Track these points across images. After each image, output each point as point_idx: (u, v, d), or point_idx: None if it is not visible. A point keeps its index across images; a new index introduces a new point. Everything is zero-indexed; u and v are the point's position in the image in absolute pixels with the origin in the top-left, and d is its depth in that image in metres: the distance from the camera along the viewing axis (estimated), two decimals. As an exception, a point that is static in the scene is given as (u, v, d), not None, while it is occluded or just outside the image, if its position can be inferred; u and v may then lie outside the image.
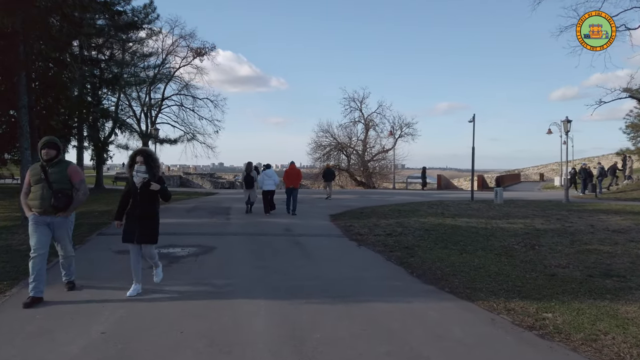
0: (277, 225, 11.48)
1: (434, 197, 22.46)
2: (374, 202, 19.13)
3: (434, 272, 6.47)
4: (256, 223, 12.01)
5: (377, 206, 17.11)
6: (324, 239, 9.51)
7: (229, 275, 6.21)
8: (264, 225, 11.65)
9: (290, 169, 14.95)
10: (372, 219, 12.73)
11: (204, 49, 32.13)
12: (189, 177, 55.52)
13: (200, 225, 11.40)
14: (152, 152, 5.59)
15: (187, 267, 6.62)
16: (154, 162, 5.31)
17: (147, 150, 5.58)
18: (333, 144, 45.25)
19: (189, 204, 18.15)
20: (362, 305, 4.93)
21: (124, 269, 6.16)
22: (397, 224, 11.45)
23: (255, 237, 9.59)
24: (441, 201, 19.40)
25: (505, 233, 10.30)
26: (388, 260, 7.34)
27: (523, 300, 5.14)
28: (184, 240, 8.85)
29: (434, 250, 8.14)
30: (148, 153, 5.40)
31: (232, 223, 11.91)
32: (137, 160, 5.23)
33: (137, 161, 5.23)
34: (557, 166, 54.23)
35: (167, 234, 9.66)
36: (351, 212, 15.13)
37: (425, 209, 15.71)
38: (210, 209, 15.79)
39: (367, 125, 46.10)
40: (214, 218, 12.92)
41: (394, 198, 22.15)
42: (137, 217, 5.23)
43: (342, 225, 11.65)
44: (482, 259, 7.38)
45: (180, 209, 15.63)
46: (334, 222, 12.51)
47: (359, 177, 45.01)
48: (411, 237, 9.51)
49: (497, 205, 17.65)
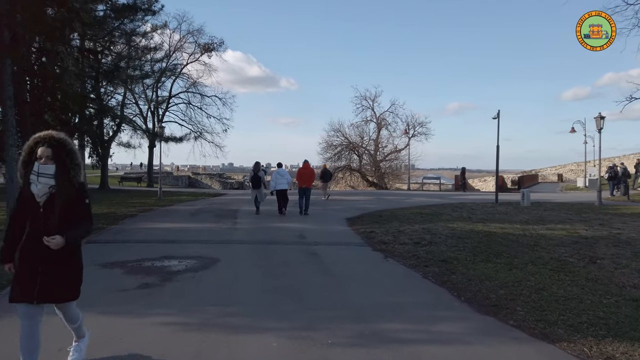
0: (289, 231, 10.27)
1: (454, 199, 21.11)
2: (392, 204, 17.85)
3: (487, 296, 5.20)
4: (266, 228, 10.82)
5: (396, 209, 15.84)
6: (344, 249, 8.27)
7: (232, 300, 5.00)
8: (275, 231, 10.46)
9: (304, 168, 14.17)
10: (393, 224, 11.47)
11: (212, 45, 31.12)
12: (197, 178, 54.69)
13: (204, 231, 10.24)
14: (67, 139, 3.04)
15: (182, 288, 5.42)
16: (70, 158, 2.99)
17: (57, 136, 3.02)
18: (344, 143, 43.99)
19: (194, 205, 17.04)
20: (410, 349, 3.68)
21: (106, 290, 5.00)
22: (423, 231, 10.18)
23: (265, 246, 8.39)
24: (463, 203, 18.06)
25: (549, 242, 8.98)
26: (425, 278, 6.08)
27: (618, 341, 3.86)
28: (183, 250, 7.67)
29: (476, 264, 6.86)
30: (59, 140, 3.00)
31: (239, 228, 10.73)
32: (40, 154, 2.92)
33: (39, 155, 2.93)
34: (576, 166, 52.44)
35: (165, 241, 8.51)
36: (369, 215, 13.89)
37: (449, 212, 14.41)
38: (217, 211, 14.65)
39: (379, 124, 44.77)
40: (219, 222, 11.76)
41: (411, 200, 20.84)
42: (39, 257, 2.88)
43: (362, 231, 10.41)
44: (537, 277, 6.09)
45: (184, 212, 14.52)
46: (352, 227, 11.27)
47: (371, 177, 43.70)
48: (444, 247, 8.24)
49: (526, 208, 16.27)
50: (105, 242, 8.53)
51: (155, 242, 8.50)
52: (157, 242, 8.40)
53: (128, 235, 9.32)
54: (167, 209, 15.37)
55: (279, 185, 13.23)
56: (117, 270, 6.10)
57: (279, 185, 13.22)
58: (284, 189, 13.27)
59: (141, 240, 8.63)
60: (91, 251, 7.61)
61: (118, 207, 15.99)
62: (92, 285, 5.38)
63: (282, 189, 13.25)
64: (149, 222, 11.71)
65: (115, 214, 13.27)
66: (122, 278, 5.73)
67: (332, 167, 43.67)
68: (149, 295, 5.02)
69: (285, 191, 13.39)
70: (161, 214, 13.94)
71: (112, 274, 5.90)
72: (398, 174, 44.51)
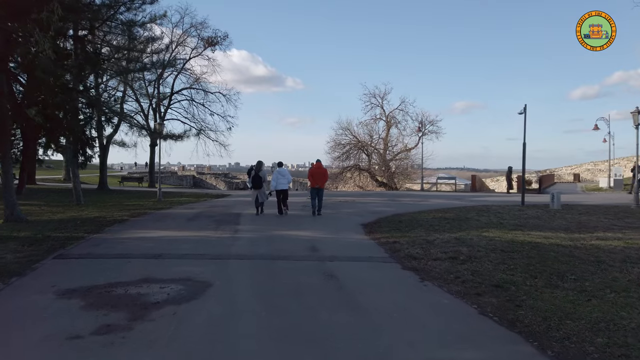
0: (299, 242, 8.80)
1: (474, 201, 19.53)
2: (408, 207, 16.34)
3: (582, 349, 3.69)
4: (271, 237, 9.35)
5: (415, 212, 14.33)
6: (368, 268, 6.76)
7: (224, 356, 3.52)
8: (282, 241, 8.99)
9: (316, 168, 13.40)
10: (418, 232, 9.97)
11: (215, 38, 29.67)
12: (202, 177, 53.44)
13: (200, 241, 8.78)
14: None
15: (156, 332, 3.93)
16: None
17: None
18: (353, 142, 42.39)
19: (194, 208, 15.63)
20: None
21: (48, 339, 3.55)
22: (456, 241, 8.66)
23: (270, 263, 6.90)
24: (487, 206, 16.51)
25: (612, 256, 7.44)
26: (483, 314, 4.56)
27: None
28: (169, 270, 6.21)
29: (541, 291, 5.34)
30: None
31: (240, 238, 9.26)
32: None
33: None
34: (593, 166, 50.78)
35: (150, 256, 7.04)
36: (387, 220, 12.39)
37: (475, 217, 12.88)
38: (217, 215, 13.21)
39: (389, 122, 43.13)
40: (218, 230, 10.30)
41: (428, 202, 19.30)
42: None
43: (384, 241, 8.91)
44: (631, 312, 4.57)
45: (181, 216, 13.09)
46: (370, 236, 9.78)
47: (380, 177, 42.07)
48: (489, 265, 6.72)
49: (558, 212, 14.69)
50: (79, 256, 7.09)
51: (138, 256, 7.05)
52: (140, 258, 6.95)
53: (108, 247, 7.87)
54: (163, 213, 13.95)
55: (280, 185, 12.88)
56: (76, 303, 4.64)
57: (279, 185, 12.88)
58: (284, 189, 12.97)
59: (122, 255, 7.18)
60: (57, 270, 6.18)
61: (111, 210, 14.62)
62: (33, 330, 3.93)
63: (283, 189, 12.93)
64: (139, 229, 10.28)
65: (104, 219, 11.87)
66: (77, 315, 4.27)
67: (340, 167, 42.20)
68: (106, 346, 3.56)
69: (286, 191, 13.07)
70: (155, 218, 12.52)
71: (68, 309, 4.45)
72: (408, 173, 42.91)
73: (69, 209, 15.22)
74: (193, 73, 32.18)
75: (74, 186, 18.24)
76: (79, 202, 17.82)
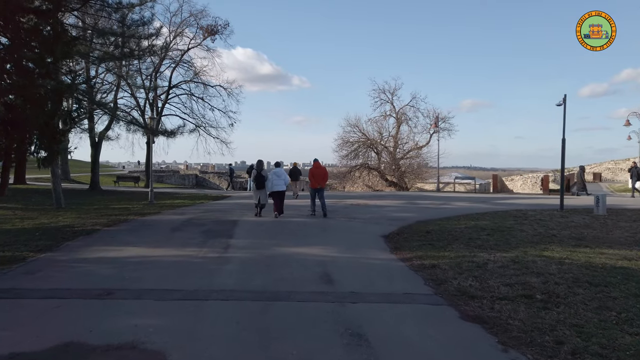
0: (306, 265, 6.68)
1: (502, 204, 17.33)
2: (431, 212, 14.19)
3: None
4: (270, 258, 7.23)
5: (441, 219, 12.19)
6: (409, 316, 4.60)
7: None
8: (284, 263, 6.88)
9: (315, 168, 13.02)
10: (457, 249, 7.84)
11: (215, 27, 27.50)
12: (205, 176, 51.49)
13: (176, 265, 6.67)
14: None
15: None
16: None
17: None
18: (361, 139, 40.17)
19: (185, 214, 13.57)
20: None
21: None
22: (515, 265, 6.51)
23: (265, 306, 4.76)
24: (521, 211, 14.32)
25: None
26: None
27: None
28: (111, 322, 4.11)
29: None
30: None
31: (230, 258, 7.15)
32: None
33: None
34: (613, 165, 48.77)
35: (93, 294, 4.93)
36: (411, 230, 10.28)
37: (517, 227, 10.73)
38: (209, 223, 11.14)
39: (399, 119, 40.84)
40: (205, 245, 8.22)
41: (451, 205, 17.13)
42: None
43: (417, 263, 6.78)
44: None
45: (165, 225, 11.00)
46: (397, 254, 7.65)
47: (390, 176, 39.79)
48: (586, 311, 4.58)
49: (609, 219, 12.49)
50: None
51: (77, 295, 4.96)
52: (79, 297, 4.87)
53: (45, 277, 5.77)
54: (146, 220, 11.89)
55: (275, 187, 12.35)
56: None
57: (275, 187, 12.35)
58: (281, 191, 12.47)
59: (55, 291, 5.09)
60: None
61: (89, 216, 12.61)
62: None
63: (279, 191, 12.42)
64: (105, 245, 8.22)
65: (71, 229, 9.83)
66: None
67: (348, 166, 40.02)
68: None
69: (283, 193, 12.60)
70: (133, 228, 10.45)
71: None
72: (419, 172, 40.62)
73: (44, 214, 13.24)
74: (192, 65, 30.11)
75: (54, 187, 16.26)
76: (59, 205, 15.85)
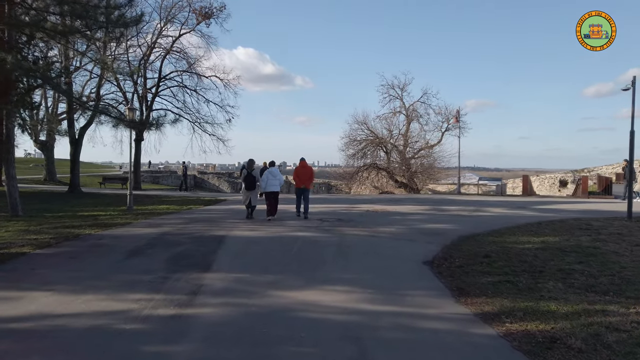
0: (324, 339, 3.78)
1: (546, 210, 14.39)
2: (470, 222, 11.34)
3: None
4: (260, 321, 4.31)
5: (491, 233, 9.35)
6: None
7: None
8: (284, 333, 3.97)
9: (301, 167, 12.69)
10: (556, 290, 4.96)
11: (210, 9, 24.57)
12: (204, 177, 48.56)
13: (80, 342, 3.78)
14: None
15: None
16: None
17: None
18: (370, 138, 37.15)
19: (161, 225, 10.72)
20: None
21: None
22: None
23: None
24: (581, 220, 11.40)
25: None
26: None
27: None
28: None
29: None
30: None
31: (192, 322, 4.23)
32: None
33: None
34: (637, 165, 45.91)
35: None
36: (461, 252, 7.39)
37: (600, 245, 7.86)
38: (187, 242, 8.27)
39: (409, 116, 37.75)
40: (163, 287, 5.31)
41: (486, 212, 14.23)
42: None
43: (517, 330, 3.89)
44: None
45: (125, 244, 8.07)
46: (470, 305, 4.74)
47: (400, 177, 36.75)
48: None
49: None
50: None
51: None
52: None
53: None
54: (103, 236, 9.01)
55: (270, 187, 11.98)
56: None
57: (269, 187, 11.98)
58: (275, 191, 12.08)
59: None
60: None
61: (38, 228, 9.88)
62: None
63: (274, 191, 12.04)
64: (3, 289, 5.32)
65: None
66: None
67: (355, 166, 37.12)
68: None
69: (277, 193, 12.19)
70: (76, 252, 7.51)
71: None
72: (431, 173, 37.62)
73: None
74: (184, 54, 27.17)
75: (8, 192, 13.43)
76: (15, 213, 13.04)
